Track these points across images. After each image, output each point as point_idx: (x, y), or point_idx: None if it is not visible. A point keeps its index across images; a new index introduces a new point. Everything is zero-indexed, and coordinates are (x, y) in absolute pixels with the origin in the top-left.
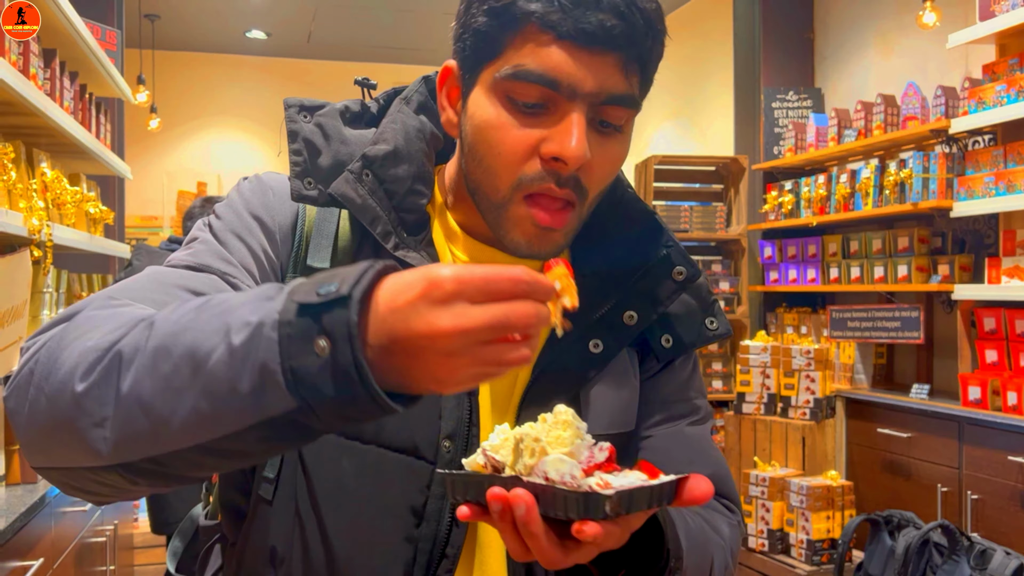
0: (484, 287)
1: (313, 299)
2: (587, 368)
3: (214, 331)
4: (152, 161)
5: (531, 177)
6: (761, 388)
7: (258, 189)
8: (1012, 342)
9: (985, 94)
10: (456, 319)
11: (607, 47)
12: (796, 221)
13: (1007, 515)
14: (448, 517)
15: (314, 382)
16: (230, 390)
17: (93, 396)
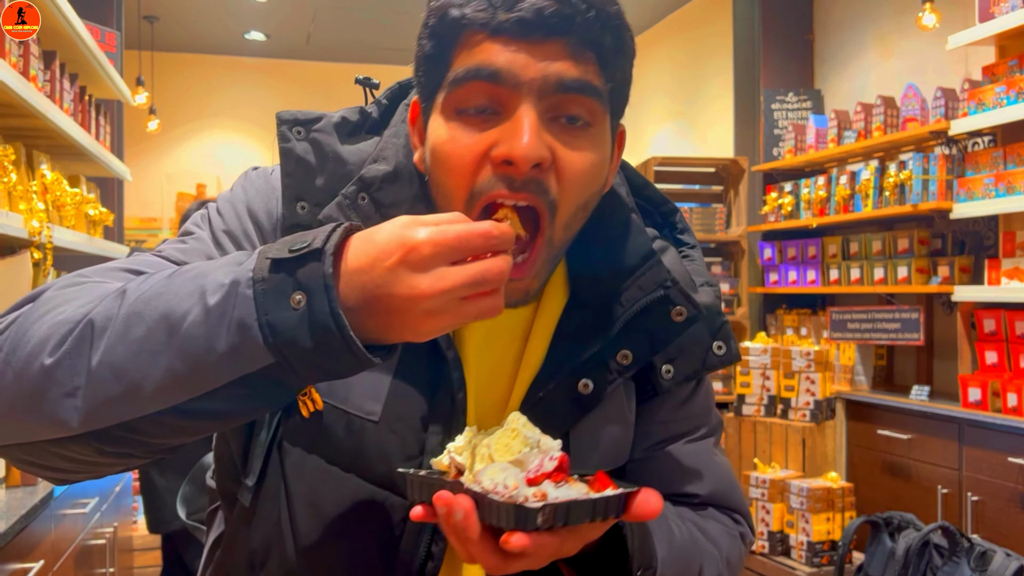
0: (459, 246)
1: (286, 255)
2: (576, 408)
3: (188, 294)
4: (151, 163)
5: (480, 187)
6: (761, 390)
7: (263, 188)
8: (1012, 343)
9: (985, 96)
10: (436, 281)
11: (547, 34)
12: (796, 223)
13: (1007, 516)
14: (423, 552)
15: (292, 335)
16: (207, 349)
17: (65, 366)
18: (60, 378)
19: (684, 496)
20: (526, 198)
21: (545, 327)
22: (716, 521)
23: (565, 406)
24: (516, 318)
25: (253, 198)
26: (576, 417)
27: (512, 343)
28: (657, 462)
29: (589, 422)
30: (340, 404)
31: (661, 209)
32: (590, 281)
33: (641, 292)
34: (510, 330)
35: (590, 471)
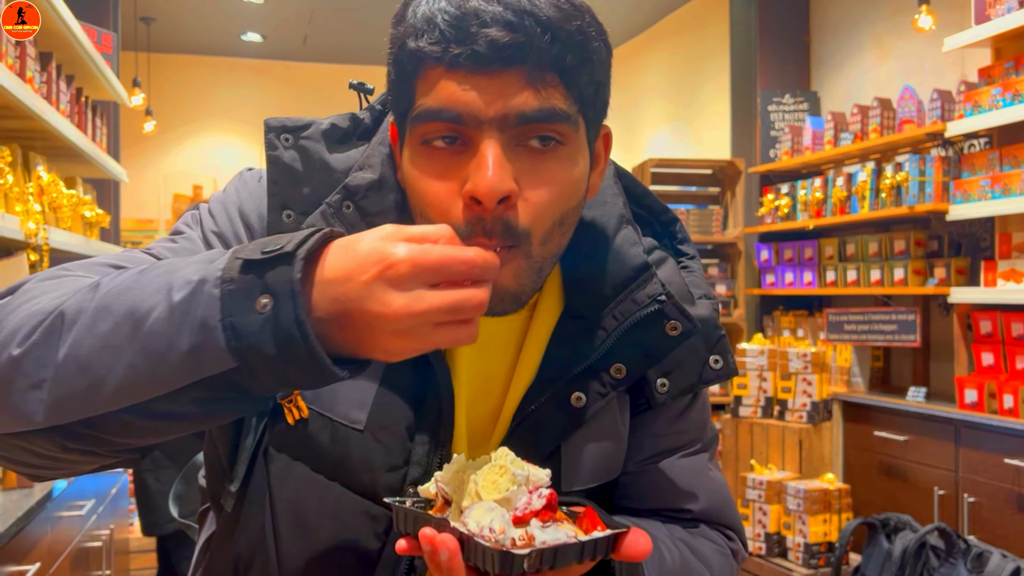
0: (440, 270)
1: (257, 256)
2: (568, 421)
3: (156, 290)
4: (147, 164)
5: (460, 230)
6: (758, 391)
7: (256, 192)
8: (1008, 345)
9: (981, 97)
10: (411, 303)
11: (504, 64)
12: (792, 224)
13: (1004, 518)
14: (405, 566)
15: (254, 339)
16: (168, 347)
17: (32, 358)
18: (27, 369)
19: (677, 512)
20: (497, 243)
21: (539, 337)
22: (707, 540)
23: (557, 419)
24: (510, 327)
25: (245, 200)
26: (568, 431)
27: (505, 353)
28: (650, 476)
29: (581, 436)
30: (325, 412)
31: (661, 219)
32: (584, 292)
33: (635, 305)
34: (503, 339)
35: (579, 503)
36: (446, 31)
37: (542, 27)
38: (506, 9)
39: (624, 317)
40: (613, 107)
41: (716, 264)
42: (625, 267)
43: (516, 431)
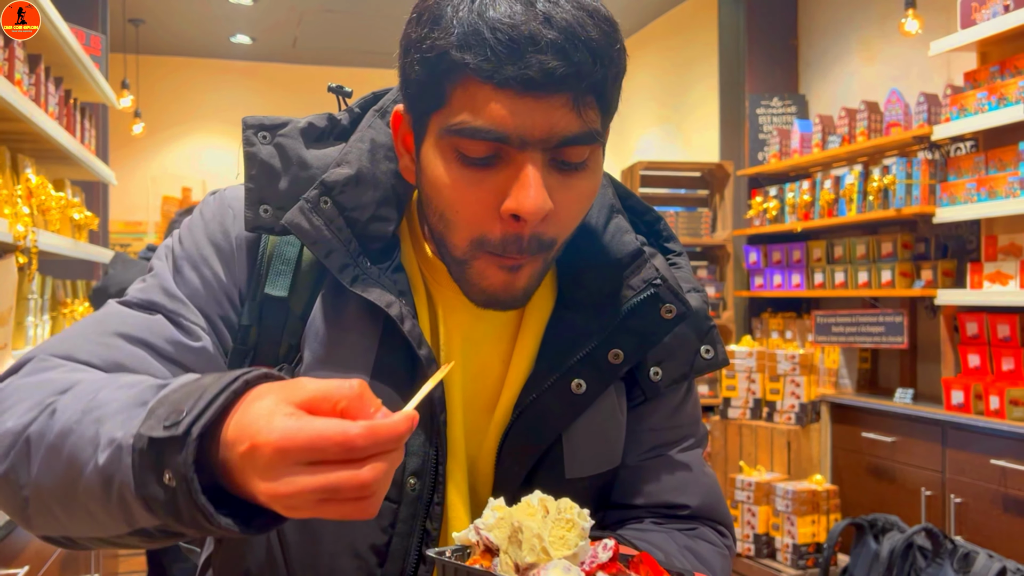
0: (310, 449)
1: (159, 432)
2: (569, 409)
3: (89, 441)
4: (136, 166)
5: (493, 243)
6: (747, 393)
7: (218, 210)
8: (994, 346)
9: (967, 101)
10: (277, 486)
11: (552, 90)
12: (781, 227)
13: (990, 518)
14: (415, 556)
15: (166, 509)
16: (104, 502)
17: (11, 480)
18: (11, 490)
19: (674, 507)
20: (528, 259)
21: (534, 330)
22: (707, 542)
23: (558, 408)
24: (503, 320)
25: (209, 221)
26: (570, 418)
27: (499, 346)
28: (649, 471)
29: (582, 423)
30: None
31: (645, 218)
32: (579, 281)
33: (632, 291)
34: (496, 333)
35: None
36: (498, 50)
37: (591, 53)
38: (560, 34)
39: (621, 303)
40: None
41: (705, 266)
42: (619, 254)
43: (518, 421)
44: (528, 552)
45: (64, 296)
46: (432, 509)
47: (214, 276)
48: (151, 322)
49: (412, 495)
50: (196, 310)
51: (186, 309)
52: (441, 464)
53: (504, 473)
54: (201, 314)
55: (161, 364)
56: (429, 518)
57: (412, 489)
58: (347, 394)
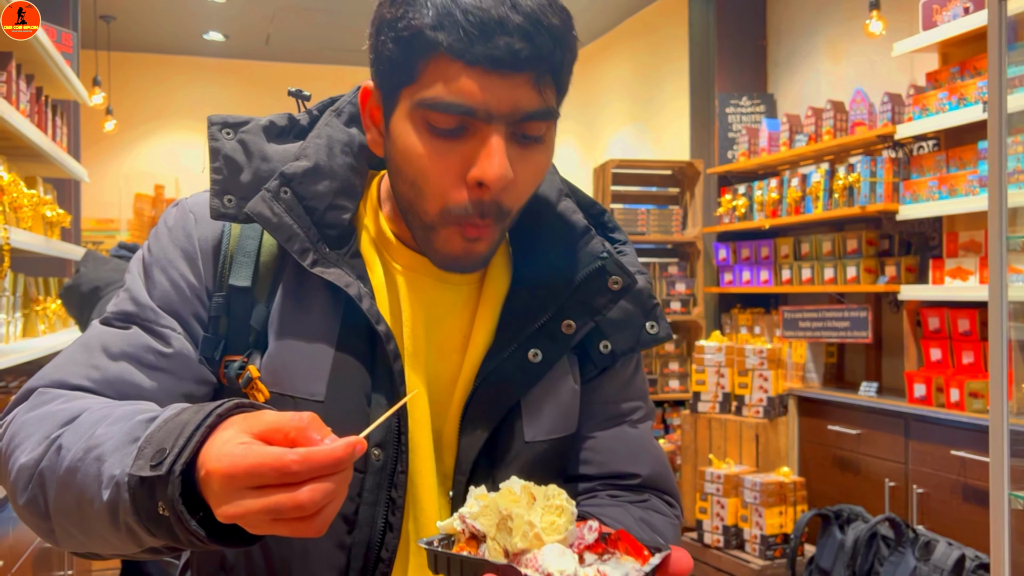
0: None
1: (147, 472)
2: (527, 377)
3: (93, 478)
4: (108, 164)
5: (458, 210)
6: (716, 387)
7: (179, 217)
8: (955, 341)
9: (928, 101)
10: (230, 507)
11: (517, 69)
12: (749, 224)
13: (950, 507)
14: (381, 523)
15: (165, 534)
16: (115, 530)
17: (33, 509)
18: (37, 517)
19: (627, 476)
20: (489, 223)
21: (492, 306)
22: (659, 513)
23: (517, 376)
24: (463, 298)
25: (172, 228)
26: (528, 386)
27: (459, 320)
28: (602, 441)
29: (540, 391)
30: (286, 392)
31: (591, 211)
32: (532, 260)
33: (581, 265)
34: (456, 309)
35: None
36: (470, 31)
37: (552, 38)
38: (525, 20)
39: (571, 276)
40: (575, 108)
41: (676, 263)
42: (569, 231)
43: (479, 388)
44: (520, 538)
45: (36, 293)
46: (396, 478)
47: (182, 277)
48: (128, 336)
49: (377, 465)
50: (168, 314)
51: (157, 315)
52: (404, 434)
53: (468, 437)
54: (174, 316)
55: (144, 373)
56: (394, 487)
57: (376, 460)
58: (296, 424)
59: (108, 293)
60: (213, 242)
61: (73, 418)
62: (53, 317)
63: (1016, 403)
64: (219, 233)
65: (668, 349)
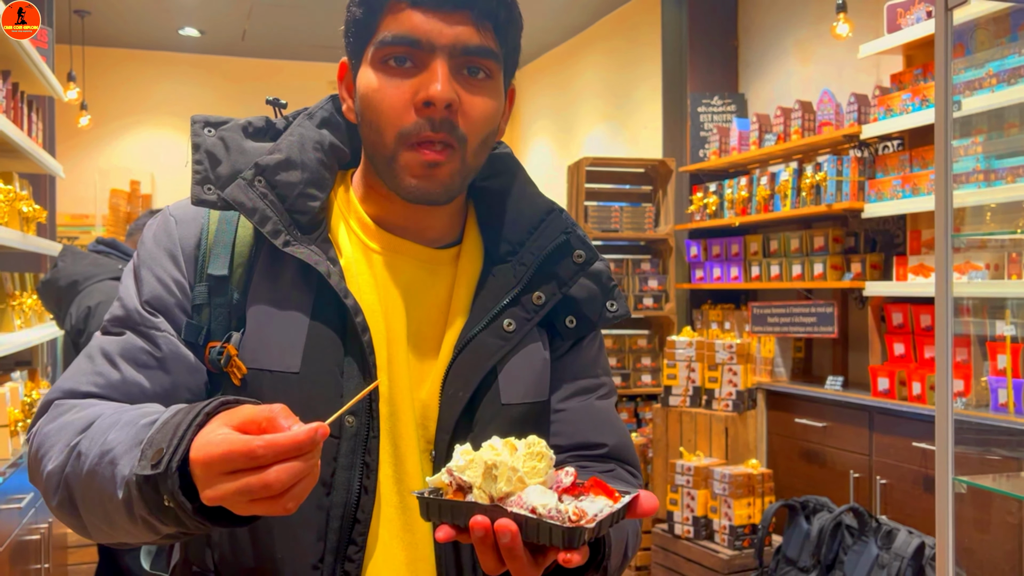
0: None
1: (149, 472)
2: (502, 345)
3: (109, 481)
4: (83, 159)
5: (409, 128)
6: (687, 381)
7: (162, 223)
8: (917, 335)
9: (893, 102)
10: (211, 491)
11: (455, 7)
12: (720, 221)
13: (912, 497)
14: (357, 486)
15: (176, 522)
16: (132, 523)
17: (64, 510)
18: (66, 519)
19: (595, 446)
20: (444, 137)
21: (467, 283)
22: (624, 481)
23: (493, 344)
24: (439, 276)
25: (156, 232)
26: (503, 353)
27: (436, 297)
28: (572, 413)
29: (514, 360)
30: (263, 366)
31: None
32: (502, 240)
33: (548, 240)
34: (434, 287)
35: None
36: None
37: None
38: None
39: (539, 252)
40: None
41: (648, 260)
42: (536, 211)
43: (460, 355)
44: (504, 483)
45: (12, 288)
46: (369, 443)
47: (167, 273)
48: (123, 342)
49: (351, 431)
50: (157, 310)
51: (145, 318)
52: (375, 402)
53: (448, 401)
54: (162, 311)
55: (143, 374)
56: (367, 451)
57: (351, 426)
58: (267, 415)
59: (86, 287)
60: (193, 239)
61: (88, 425)
62: (29, 312)
63: (975, 396)
64: (198, 231)
65: (641, 344)
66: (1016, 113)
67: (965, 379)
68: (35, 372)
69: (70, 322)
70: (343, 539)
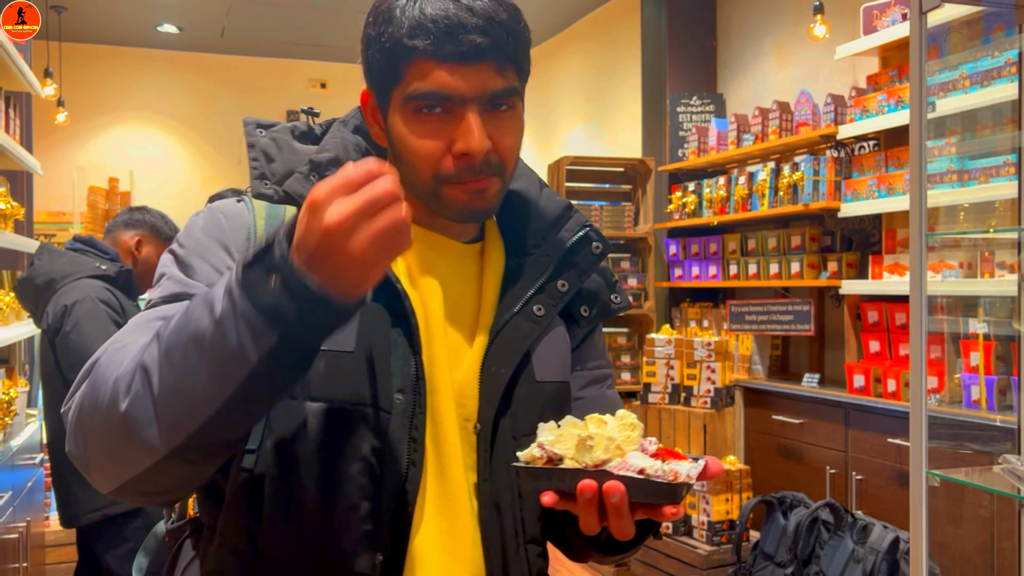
0: (346, 184)
1: (251, 257)
2: (534, 328)
3: (201, 314)
4: (61, 156)
5: (448, 175)
6: (666, 379)
7: (211, 217)
8: (892, 333)
9: (869, 103)
10: (339, 210)
11: (480, 59)
12: (698, 220)
13: (887, 493)
14: (405, 460)
15: (279, 308)
16: (228, 346)
17: (137, 407)
18: (136, 415)
19: None
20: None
21: (494, 274)
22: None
23: (526, 327)
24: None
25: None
26: (536, 335)
27: (467, 287)
28: (591, 402)
29: (544, 343)
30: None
31: None
32: (524, 235)
33: (570, 233)
34: (463, 278)
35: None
36: (438, 35)
37: (505, 30)
38: (480, 19)
39: (562, 243)
40: (531, 106)
41: (628, 258)
42: (555, 209)
43: (497, 336)
44: (602, 451)
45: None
46: (416, 419)
47: (220, 260)
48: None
49: (400, 407)
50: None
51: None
52: (420, 380)
53: (490, 378)
54: None
55: None
56: (414, 427)
57: (399, 403)
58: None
59: (63, 286)
60: (243, 232)
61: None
62: (6, 309)
63: (948, 393)
64: (246, 225)
65: (620, 342)
66: (989, 114)
67: (939, 376)
68: (12, 370)
69: (47, 321)
70: (394, 510)
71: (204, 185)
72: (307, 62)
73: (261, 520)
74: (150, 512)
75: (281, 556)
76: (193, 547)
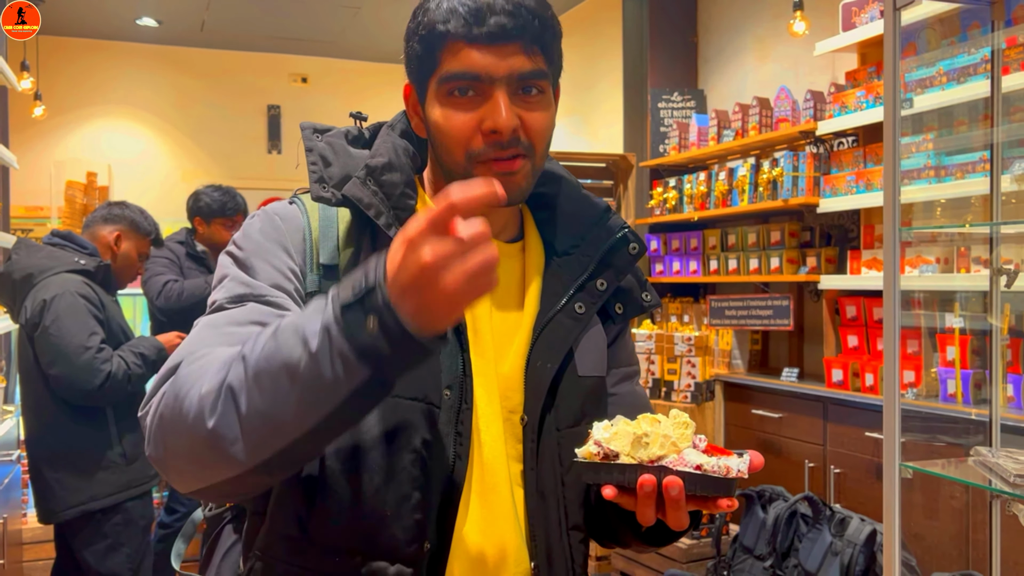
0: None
1: (351, 297)
2: (575, 325)
3: (295, 345)
4: (38, 150)
5: (478, 152)
6: (647, 373)
7: (267, 219)
8: (870, 328)
9: (847, 99)
10: (434, 249)
11: (507, 40)
12: (679, 216)
13: (864, 486)
14: (452, 452)
15: (375, 348)
16: (321, 381)
17: (223, 425)
18: (223, 434)
19: None
20: (514, 151)
21: (535, 272)
22: None
23: (569, 324)
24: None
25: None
26: (577, 332)
27: (510, 285)
28: (624, 397)
29: (585, 339)
30: None
31: None
32: (564, 236)
33: (609, 234)
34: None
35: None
36: (468, 19)
37: (531, 14)
38: (509, 3)
39: (601, 244)
40: None
41: None
42: (594, 210)
43: (540, 336)
44: (658, 448)
45: None
46: (462, 414)
47: (281, 261)
48: (247, 310)
49: (448, 402)
50: (275, 288)
51: (268, 291)
52: (467, 377)
53: (536, 372)
54: (280, 290)
55: None
56: (460, 421)
57: (448, 398)
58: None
59: (41, 280)
60: (300, 234)
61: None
62: None
63: (925, 387)
64: (302, 227)
65: None
66: (965, 111)
67: (916, 370)
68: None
69: (25, 315)
70: (442, 500)
71: (184, 180)
72: (288, 56)
73: (314, 507)
74: (129, 508)
75: (331, 542)
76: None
